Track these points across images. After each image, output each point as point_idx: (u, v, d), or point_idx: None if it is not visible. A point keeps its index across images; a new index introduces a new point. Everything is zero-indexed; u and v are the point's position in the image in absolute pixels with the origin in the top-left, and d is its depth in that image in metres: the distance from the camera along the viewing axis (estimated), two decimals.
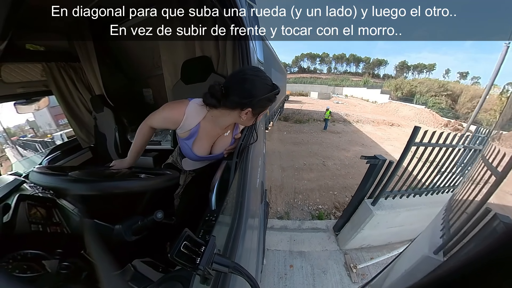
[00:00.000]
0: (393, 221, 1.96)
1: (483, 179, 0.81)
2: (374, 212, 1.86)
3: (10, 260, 0.49)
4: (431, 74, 47.85)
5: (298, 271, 1.95)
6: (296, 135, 8.12)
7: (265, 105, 0.71)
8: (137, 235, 0.64)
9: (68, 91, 1.68)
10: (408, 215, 1.96)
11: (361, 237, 2.06)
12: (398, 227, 2.03)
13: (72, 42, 1.53)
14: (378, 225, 1.95)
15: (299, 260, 2.06)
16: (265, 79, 0.69)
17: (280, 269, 1.97)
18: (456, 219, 0.92)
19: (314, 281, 1.86)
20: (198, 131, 0.78)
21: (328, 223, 2.57)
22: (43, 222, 0.64)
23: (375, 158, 1.83)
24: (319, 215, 3.13)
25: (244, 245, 0.48)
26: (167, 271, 0.54)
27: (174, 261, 0.31)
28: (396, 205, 1.95)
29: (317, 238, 2.31)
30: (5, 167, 1.47)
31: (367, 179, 1.96)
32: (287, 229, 2.47)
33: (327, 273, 1.94)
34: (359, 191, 2.05)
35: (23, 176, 0.94)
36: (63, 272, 0.51)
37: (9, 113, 1.53)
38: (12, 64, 1.32)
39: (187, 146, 0.81)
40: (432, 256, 0.85)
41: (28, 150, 3.62)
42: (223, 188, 0.59)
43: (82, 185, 0.63)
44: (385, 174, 1.86)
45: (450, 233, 0.88)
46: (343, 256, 2.11)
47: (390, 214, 1.90)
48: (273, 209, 3.26)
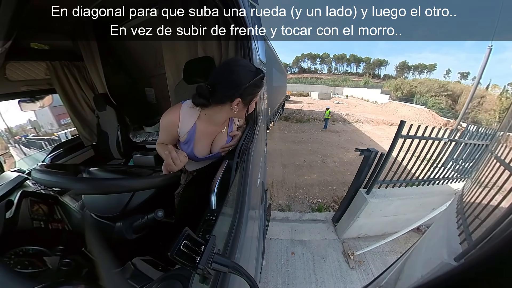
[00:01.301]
0: (386, 209, 2.07)
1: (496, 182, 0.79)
2: (368, 200, 1.97)
3: (12, 255, 0.50)
4: (431, 74, 47.70)
5: (299, 257, 2.05)
6: (296, 134, 8.26)
7: (253, 91, 0.71)
8: (138, 233, 0.64)
9: (71, 90, 1.69)
10: (401, 204, 2.08)
11: (358, 226, 2.17)
12: (392, 216, 2.14)
13: (76, 42, 1.55)
14: (372, 213, 2.06)
15: (300, 248, 2.16)
16: (248, 66, 0.69)
17: (282, 256, 2.07)
18: (477, 226, 0.90)
19: (314, 267, 1.96)
20: (195, 132, 0.78)
21: (327, 215, 2.68)
22: (45, 218, 0.65)
23: (368, 150, 1.97)
24: (319, 208, 3.25)
25: (244, 245, 0.48)
26: (167, 269, 0.55)
27: (174, 259, 0.31)
28: (388, 194, 2.07)
29: (317, 228, 2.43)
30: (9, 164, 1.49)
31: (361, 170, 2.08)
32: (289, 220, 2.58)
33: (326, 260, 2.04)
34: (355, 182, 2.16)
35: (26, 173, 0.95)
36: (63, 269, 0.52)
37: (13, 112, 1.55)
38: (17, 62, 1.33)
39: (188, 148, 0.81)
40: (454, 264, 0.84)
41: (32, 148, 3.67)
42: (224, 188, 0.59)
43: (83, 184, 0.64)
44: (377, 165, 1.99)
45: (472, 240, 0.86)
46: (341, 244, 2.22)
47: (384, 202, 2.01)
48: (275, 202, 3.37)
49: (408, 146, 1.97)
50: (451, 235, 0.99)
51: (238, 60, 0.72)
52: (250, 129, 0.94)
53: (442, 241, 1.01)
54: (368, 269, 1.99)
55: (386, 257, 2.10)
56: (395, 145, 1.90)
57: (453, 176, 2.42)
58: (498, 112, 16.34)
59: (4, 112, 1.78)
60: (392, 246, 2.22)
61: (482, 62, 7.64)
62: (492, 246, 0.14)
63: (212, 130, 0.81)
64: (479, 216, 0.94)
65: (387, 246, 2.18)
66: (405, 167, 2.14)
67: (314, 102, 20.72)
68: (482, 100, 20.06)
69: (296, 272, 1.92)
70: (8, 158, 1.51)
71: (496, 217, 0.78)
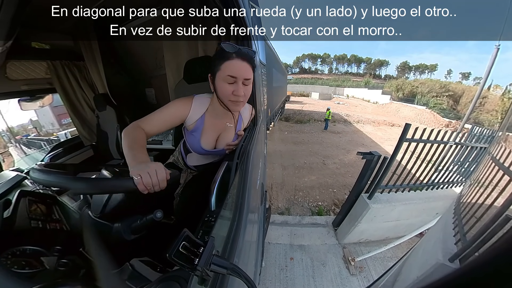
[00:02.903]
0: (389, 215, 2.01)
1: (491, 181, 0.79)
2: (370, 206, 1.92)
3: (9, 255, 0.50)
4: (433, 74, 47.84)
5: (298, 263, 2.01)
6: (297, 135, 8.23)
7: (218, 63, 0.69)
8: (136, 234, 0.63)
9: (72, 89, 1.69)
10: (404, 209, 2.02)
11: (359, 231, 2.12)
12: (394, 221, 2.09)
13: (77, 42, 1.55)
14: (374, 219, 2.01)
15: (299, 253, 2.12)
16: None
17: (281, 261, 2.03)
18: (472, 226, 0.90)
19: (314, 273, 1.92)
20: (203, 122, 0.81)
21: (327, 218, 2.64)
22: (43, 218, 0.64)
23: (371, 154, 1.92)
24: (319, 211, 3.21)
25: (243, 247, 0.47)
26: (165, 271, 0.54)
27: (172, 261, 0.31)
28: (391, 199, 2.01)
29: (317, 232, 2.39)
30: (8, 163, 1.49)
31: (363, 174, 2.03)
32: (288, 224, 2.54)
33: (326, 266, 1.99)
34: (356, 186, 2.12)
35: (25, 172, 0.95)
36: (61, 269, 0.51)
37: (14, 112, 1.55)
38: (18, 62, 1.33)
39: (195, 139, 0.83)
40: (448, 264, 0.84)
41: (32, 148, 3.66)
42: (223, 189, 0.59)
43: (82, 184, 0.63)
44: (380, 169, 1.94)
45: (466, 240, 0.86)
46: (341, 249, 2.16)
47: (386, 207, 1.96)
48: (274, 205, 3.33)
49: (413, 149, 1.88)
50: (447, 236, 0.98)
51: None
52: (249, 130, 0.94)
53: (438, 243, 1.00)
54: (369, 275, 1.94)
55: (387, 263, 2.05)
56: (399, 149, 1.84)
57: (458, 180, 2.36)
58: (500, 113, 16.39)
59: (5, 112, 1.78)
60: (394, 251, 2.17)
61: (489, 63, 7.22)
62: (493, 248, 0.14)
63: (219, 123, 0.83)
64: (475, 215, 0.94)
65: (389, 252, 2.13)
66: (409, 171, 2.08)
67: (315, 103, 20.77)
68: (484, 100, 20.11)
69: (295, 278, 1.88)
70: (7, 157, 1.51)
71: (490, 215, 0.78)
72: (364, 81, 41.18)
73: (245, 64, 0.69)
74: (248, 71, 0.70)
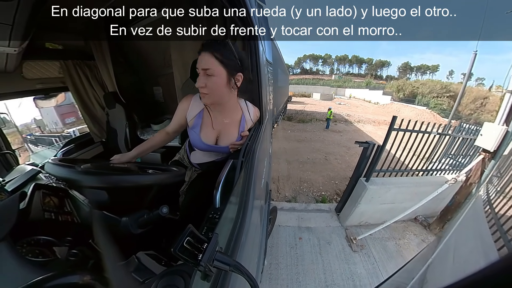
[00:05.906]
0: (384, 196, 2.28)
1: None
2: (368, 187, 2.19)
3: (24, 244, 0.52)
4: (434, 75, 46.43)
5: (306, 242, 2.26)
6: (299, 133, 8.43)
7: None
8: (143, 228, 0.65)
9: (83, 88, 1.75)
10: (398, 191, 2.30)
11: (359, 213, 2.37)
12: (390, 204, 2.35)
13: (88, 42, 1.60)
14: (372, 200, 2.27)
15: (307, 233, 2.38)
16: None
17: (291, 240, 2.27)
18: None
19: (321, 250, 2.17)
20: (202, 117, 0.84)
21: (330, 205, 2.92)
22: (56, 210, 0.67)
23: (367, 143, 2.21)
24: (323, 200, 3.46)
25: (246, 244, 0.48)
26: (170, 265, 0.55)
27: (176, 255, 0.31)
28: (386, 182, 2.31)
29: (322, 217, 2.67)
30: (24, 157, 1.56)
31: (361, 161, 2.31)
32: (295, 210, 2.81)
33: (331, 244, 2.25)
34: (355, 173, 2.40)
35: (40, 166, 0.99)
36: (71, 259, 0.53)
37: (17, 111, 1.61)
38: (33, 61, 1.39)
39: (195, 134, 0.85)
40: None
41: (42, 146, 3.81)
42: (228, 186, 0.59)
43: (93, 178, 0.66)
44: (374, 156, 2.23)
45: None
46: (344, 230, 2.43)
47: (382, 189, 2.25)
48: (281, 194, 3.61)
49: (401, 138, 2.23)
50: (486, 243, 0.97)
51: None
52: (255, 128, 0.94)
53: (476, 251, 0.99)
54: (370, 252, 2.16)
55: (385, 243, 2.29)
56: (389, 137, 2.12)
57: (445, 168, 2.68)
58: None
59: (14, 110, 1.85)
60: (391, 233, 2.42)
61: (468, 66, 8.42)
62: None
63: (216, 119, 0.85)
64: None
65: (387, 233, 2.39)
66: (402, 162, 2.42)
67: (316, 103, 20.65)
68: (485, 101, 19.33)
69: (304, 254, 2.10)
70: (23, 152, 1.58)
71: None
72: (365, 81, 40.38)
73: (206, 54, 0.68)
74: (208, 61, 0.68)
